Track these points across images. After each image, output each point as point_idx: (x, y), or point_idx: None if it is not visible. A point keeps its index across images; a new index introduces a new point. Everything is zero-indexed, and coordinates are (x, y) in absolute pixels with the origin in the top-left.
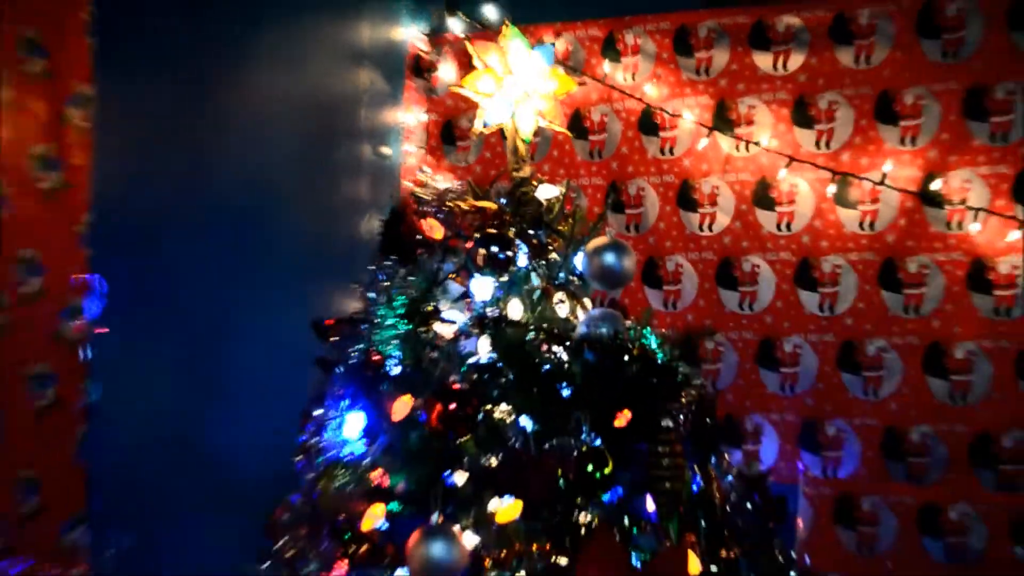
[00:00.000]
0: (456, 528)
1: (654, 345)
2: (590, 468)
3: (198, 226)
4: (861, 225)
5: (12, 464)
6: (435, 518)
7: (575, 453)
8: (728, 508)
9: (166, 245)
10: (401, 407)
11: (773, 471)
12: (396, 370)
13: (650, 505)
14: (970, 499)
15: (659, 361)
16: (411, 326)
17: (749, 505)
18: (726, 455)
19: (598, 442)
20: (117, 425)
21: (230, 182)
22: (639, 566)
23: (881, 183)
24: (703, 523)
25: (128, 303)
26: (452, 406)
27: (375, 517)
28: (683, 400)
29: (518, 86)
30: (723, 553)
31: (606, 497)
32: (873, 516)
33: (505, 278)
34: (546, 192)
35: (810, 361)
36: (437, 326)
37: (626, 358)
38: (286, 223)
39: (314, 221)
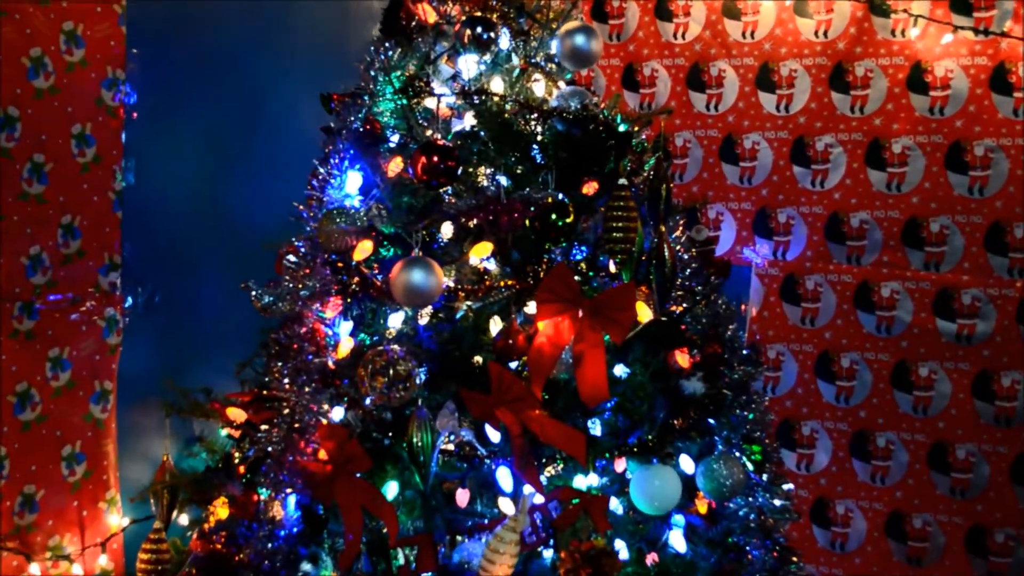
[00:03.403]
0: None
1: (618, 120)
2: (553, 217)
3: (225, 13)
4: (816, 33)
5: (57, 210)
6: (416, 252)
7: (540, 202)
8: (677, 267)
9: (197, 31)
10: (394, 166)
11: (731, 254)
12: (394, 138)
13: (611, 266)
14: (901, 279)
15: (619, 130)
16: (405, 100)
17: (696, 265)
18: (680, 222)
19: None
20: (149, 188)
21: None
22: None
23: None
24: (654, 279)
25: (162, 79)
26: (435, 158)
27: (365, 251)
28: (641, 168)
29: None
30: (672, 308)
31: (573, 254)
32: (816, 293)
33: (488, 57)
34: None
35: (766, 156)
36: (428, 101)
37: (591, 127)
38: (305, 18)
39: (328, 22)
